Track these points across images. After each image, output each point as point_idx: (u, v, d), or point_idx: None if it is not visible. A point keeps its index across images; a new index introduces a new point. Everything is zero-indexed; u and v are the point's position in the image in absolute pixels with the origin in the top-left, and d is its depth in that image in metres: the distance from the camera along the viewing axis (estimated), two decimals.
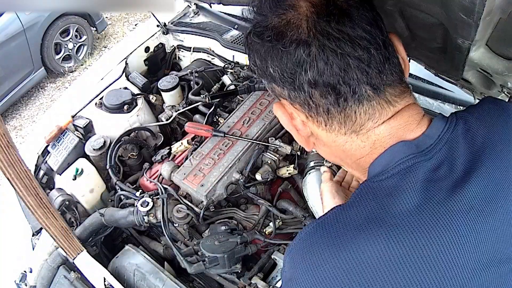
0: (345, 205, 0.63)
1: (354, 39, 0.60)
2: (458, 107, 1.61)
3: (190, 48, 2.15)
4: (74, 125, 1.73)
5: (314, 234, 0.62)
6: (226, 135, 1.53)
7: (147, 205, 1.33)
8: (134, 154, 1.65)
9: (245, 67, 1.90)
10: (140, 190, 1.46)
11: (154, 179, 1.52)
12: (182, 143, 1.57)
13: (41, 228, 1.48)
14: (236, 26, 2.12)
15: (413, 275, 0.55)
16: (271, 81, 0.68)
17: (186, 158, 1.52)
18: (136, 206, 1.35)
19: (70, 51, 4.77)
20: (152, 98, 1.85)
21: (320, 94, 0.63)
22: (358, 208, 0.61)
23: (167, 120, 1.77)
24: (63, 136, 1.70)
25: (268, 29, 0.63)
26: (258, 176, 1.41)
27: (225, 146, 1.51)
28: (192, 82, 1.88)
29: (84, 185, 1.56)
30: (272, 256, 1.30)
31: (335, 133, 0.67)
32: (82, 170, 1.56)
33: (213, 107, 1.71)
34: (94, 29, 4.97)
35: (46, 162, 1.69)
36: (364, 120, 0.64)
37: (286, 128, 0.73)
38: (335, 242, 0.58)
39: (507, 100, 1.29)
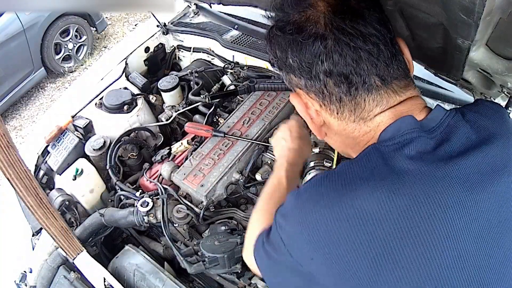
0: (353, 160, 0.69)
1: (366, 35, 0.68)
2: (458, 107, 1.62)
3: (190, 48, 2.15)
4: (74, 125, 1.73)
5: (323, 180, 0.68)
6: (226, 135, 1.53)
7: (147, 205, 1.33)
8: (134, 154, 1.65)
9: (245, 67, 1.90)
10: (140, 190, 1.46)
11: (154, 179, 1.52)
12: (182, 143, 1.57)
13: (41, 228, 1.48)
14: (236, 26, 2.12)
15: (409, 228, 0.60)
16: (289, 71, 0.75)
17: (186, 158, 1.52)
18: (136, 206, 1.34)
19: (70, 51, 4.77)
20: (152, 98, 1.85)
21: (334, 83, 0.70)
22: (365, 163, 0.66)
23: (167, 120, 1.77)
24: (63, 136, 1.70)
25: (289, 24, 0.71)
26: (258, 176, 1.41)
27: (225, 146, 1.51)
28: (192, 82, 1.88)
29: (84, 185, 1.56)
30: None
31: (345, 121, 0.74)
32: (82, 170, 1.56)
33: (213, 107, 1.71)
34: (94, 29, 4.97)
35: (46, 162, 1.68)
36: (372, 107, 0.71)
37: (301, 116, 0.80)
38: (342, 188, 0.64)
39: (507, 100, 1.29)
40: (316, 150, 1.41)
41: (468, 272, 0.61)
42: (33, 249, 1.48)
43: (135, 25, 5.46)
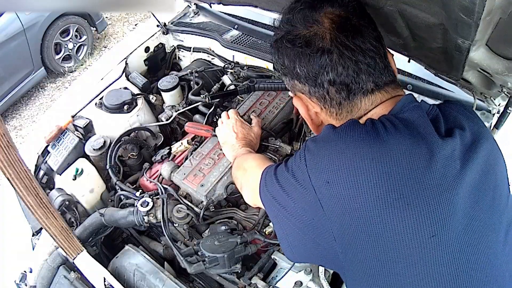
0: (381, 119, 0.80)
1: (365, 50, 0.80)
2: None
3: (190, 48, 2.15)
4: (74, 125, 1.73)
5: (358, 124, 0.78)
6: None
7: (147, 205, 1.33)
8: (134, 154, 1.65)
9: (245, 67, 1.90)
10: (140, 190, 1.46)
11: (154, 179, 1.52)
12: (182, 143, 1.57)
13: (41, 228, 1.48)
14: (236, 26, 2.12)
15: (423, 174, 0.70)
16: (294, 78, 0.86)
17: (186, 158, 1.52)
18: (136, 206, 1.34)
19: (70, 51, 4.77)
20: (152, 98, 1.85)
21: (335, 90, 0.82)
22: (387, 123, 0.76)
23: (167, 120, 1.77)
24: (63, 136, 1.69)
25: (299, 37, 0.82)
26: None
27: None
28: (192, 82, 1.88)
29: (84, 185, 1.56)
30: (272, 256, 1.30)
31: (343, 121, 0.85)
32: (82, 170, 1.56)
33: (213, 107, 1.71)
34: (94, 29, 4.97)
35: (46, 162, 1.68)
36: (368, 105, 0.83)
37: (302, 117, 0.94)
38: (374, 133, 0.74)
39: (507, 100, 1.29)
40: None
41: (465, 222, 0.72)
42: (33, 249, 1.48)
43: (135, 25, 5.46)
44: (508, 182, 0.84)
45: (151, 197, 1.38)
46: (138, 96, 1.79)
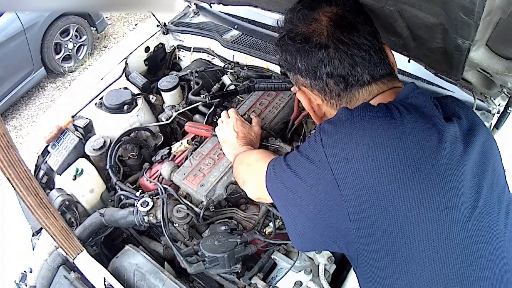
0: (393, 102, 0.83)
1: (360, 45, 0.85)
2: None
3: (190, 48, 2.15)
4: (74, 125, 1.73)
5: (372, 106, 0.81)
6: None
7: (147, 205, 1.33)
8: (134, 154, 1.65)
9: (245, 67, 1.90)
10: (140, 190, 1.46)
11: (154, 179, 1.52)
12: (182, 143, 1.56)
13: (41, 228, 1.48)
14: (236, 26, 2.12)
15: (435, 151, 0.74)
16: (297, 73, 0.92)
17: (186, 158, 1.52)
18: (136, 206, 1.34)
19: (70, 51, 4.77)
20: (152, 98, 1.85)
21: (334, 82, 0.87)
22: (399, 106, 0.79)
23: (167, 120, 1.77)
24: (63, 136, 1.70)
25: (299, 35, 0.88)
26: None
27: None
28: (192, 82, 1.88)
29: (84, 185, 1.56)
30: (272, 256, 1.30)
31: None
32: (82, 170, 1.56)
33: (213, 107, 1.71)
34: (94, 29, 4.97)
35: (46, 162, 1.68)
36: (366, 96, 0.88)
37: (306, 109, 0.98)
38: (389, 113, 0.78)
39: (507, 100, 1.29)
40: None
41: (472, 199, 0.76)
42: (33, 249, 1.48)
43: (135, 25, 5.47)
44: (503, 167, 0.89)
45: (151, 197, 1.38)
46: (138, 96, 1.79)
